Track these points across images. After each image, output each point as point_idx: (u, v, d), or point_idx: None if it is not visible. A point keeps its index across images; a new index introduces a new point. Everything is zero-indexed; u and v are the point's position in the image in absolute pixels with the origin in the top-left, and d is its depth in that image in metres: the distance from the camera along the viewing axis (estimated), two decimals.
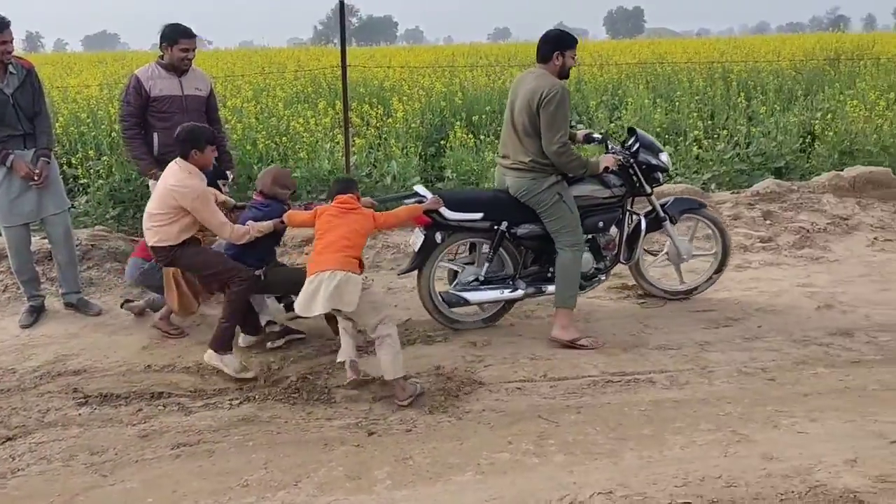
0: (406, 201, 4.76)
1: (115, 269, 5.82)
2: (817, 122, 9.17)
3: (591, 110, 10.19)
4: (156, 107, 5.10)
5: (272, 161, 7.96)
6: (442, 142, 9.31)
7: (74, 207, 7.23)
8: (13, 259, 5.18)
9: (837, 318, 4.93)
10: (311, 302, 3.92)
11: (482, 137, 9.16)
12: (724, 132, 8.80)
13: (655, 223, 5.17)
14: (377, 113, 9.73)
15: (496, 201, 4.77)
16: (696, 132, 8.79)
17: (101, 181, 7.55)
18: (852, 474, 3.17)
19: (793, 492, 3.06)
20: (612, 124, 9.51)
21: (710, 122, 9.95)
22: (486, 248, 4.86)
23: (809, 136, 9.36)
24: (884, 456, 3.31)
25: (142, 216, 4.52)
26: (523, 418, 3.77)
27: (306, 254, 4.22)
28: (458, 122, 9.39)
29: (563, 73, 4.65)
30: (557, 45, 4.59)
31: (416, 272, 4.83)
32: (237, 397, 4.07)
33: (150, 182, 5.24)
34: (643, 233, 5.10)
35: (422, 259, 4.73)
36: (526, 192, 4.65)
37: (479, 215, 4.71)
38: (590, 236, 4.86)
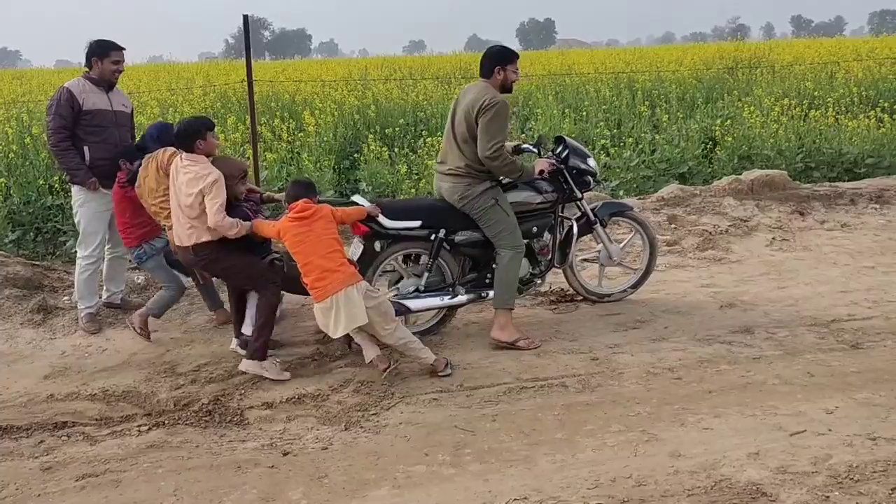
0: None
1: (14, 296, 5.57)
2: (717, 128, 9.56)
3: None
4: (87, 120, 5.14)
5: None
6: (356, 155, 9.30)
7: None
8: None
9: (739, 317, 5.13)
10: (336, 325, 4.13)
11: (396, 150, 9.20)
12: (630, 140, 9.08)
13: (587, 227, 5.32)
14: (289, 127, 9.64)
15: (434, 209, 4.83)
16: (603, 141, 9.05)
17: None
18: (755, 467, 3.30)
19: (699, 487, 3.16)
20: (524, 135, 9.68)
21: (616, 130, 10.26)
22: (424, 258, 4.88)
23: (711, 142, 9.76)
24: (784, 448, 3.45)
25: (42, 239, 4.37)
26: (440, 429, 3.78)
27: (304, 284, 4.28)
28: (372, 135, 9.39)
29: (506, 87, 4.78)
30: (498, 60, 4.71)
31: None
32: (145, 423, 3.94)
33: (76, 196, 5.21)
34: (575, 237, 5.24)
35: (361, 269, 4.59)
36: (461, 198, 4.73)
37: (417, 223, 4.74)
38: (524, 242, 4.91)
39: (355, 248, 4.75)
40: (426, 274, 4.84)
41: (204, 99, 12.49)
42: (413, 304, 4.81)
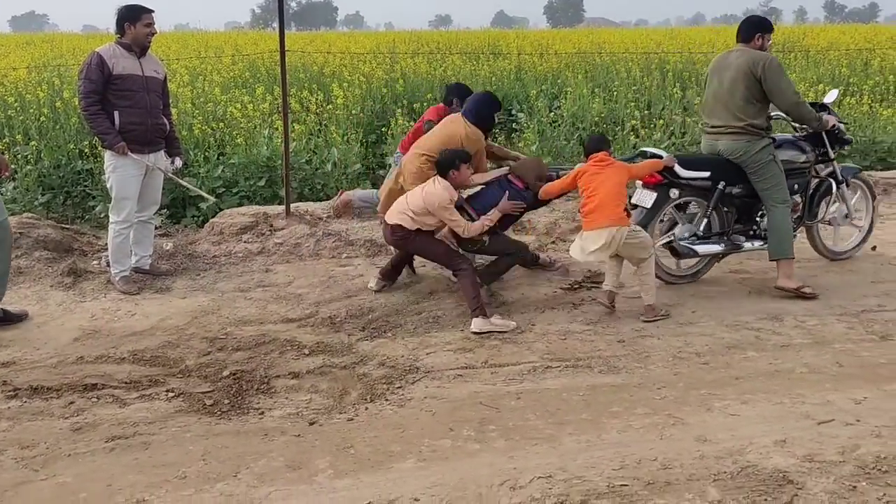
0: (636, 160, 5.24)
1: (44, 258, 5.65)
2: None
3: (532, 99, 10.25)
4: (118, 85, 5.18)
5: (209, 147, 7.81)
6: (383, 129, 9.27)
7: (1, 194, 6.97)
8: None
9: (767, 304, 5.09)
10: (584, 251, 4.75)
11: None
12: (661, 122, 8.98)
13: (829, 188, 5.65)
14: (317, 99, 9.63)
15: (719, 163, 5.22)
16: (633, 122, 8.96)
17: (29, 167, 7.31)
18: (781, 454, 3.28)
19: (725, 472, 3.15)
20: (552, 113, 9.59)
21: (646, 111, 10.14)
22: (693, 207, 5.37)
23: None
24: (811, 436, 3.43)
25: (71, 202, 4.41)
26: (465, 405, 3.79)
27: (579, 211, 5.02)
28: (400, 110, 9.36)
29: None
30: (760, 28, 5.20)
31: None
32: (174, 388, 3.99)
33: (108, 161, 5.25)
34: (834, 194, 5.62)
35: (651, 216, 5.11)
36: (743, 154, 5.14)
37: (706, 174, 5.16)
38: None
39: (644, 197, 5.15)
40: (704, 220, 5.29)
41: (233, 68, 12.48)
42: (700, 248, 5.28)
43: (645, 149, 5.40)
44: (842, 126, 5.61)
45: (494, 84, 11.71)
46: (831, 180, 5.62)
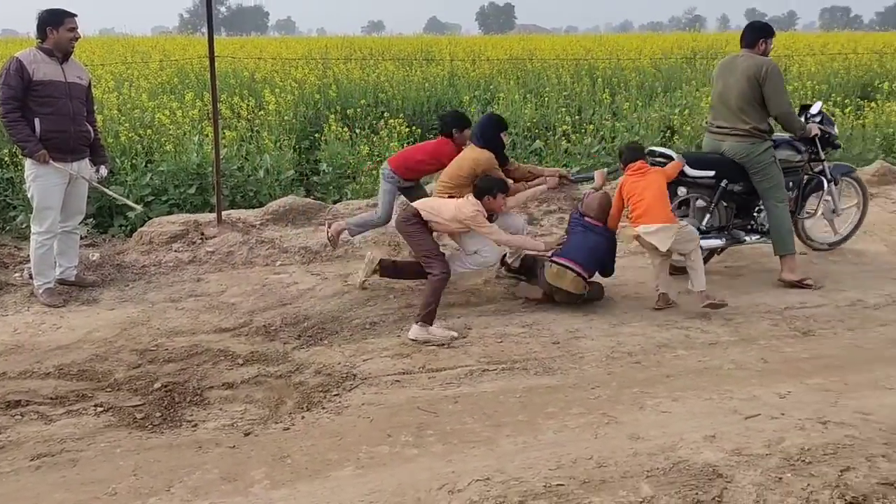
0: (650, 159, 5.54)
1: None
2: (676, 116, 9.69)
3: (465, 105, 10.32)
4: (39, 91, 5.03)
5: (136, 154, 7.62)
6: (316, 135, 9.20)
7: None
8: None
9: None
10: (660, 241, 5.00)
11: (357, 131, 9.11)
12: (591, 127, 9.15)
13: (819, 184, 6.03)
14: (248, 105, 9.50)
15: (722, 162, 5.59)
16: (564, 127, 9.09)
17: None
18: (711, 449, 3.38)
19: (658, 468, 3.22)
20: None
21: (577, 116, 10.31)
22: (701, 203, 5.73)
23: (669, 131, 9.89)
24: (738, 431, 3.54)
25: None
26: (402, 411, 3.79)
27: (627, 217, 5.26)
28: (333, 115, 9.30)
29: (765, 56, 5.51)
30: (763, 33, 5.54)
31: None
32: (102, 403, 3.87)
33: (29, 169, 5.11)
34: (824, 190, 5.99)
35: None
36: (746, 155, 5.52)
37: (711, 173, 5.56)
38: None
39: None
40: (707, 216, 5.69)
41: (161, 74, 12.21)
42: (705, 242, 5.57)
43: (653, 147, 5.78)
44: (834, 132, 6.01)
45: (428, 90, 11.75)
46: (822, 178, 5.99)
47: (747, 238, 5.80)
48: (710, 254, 5.84)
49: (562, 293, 5.07)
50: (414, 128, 9.38)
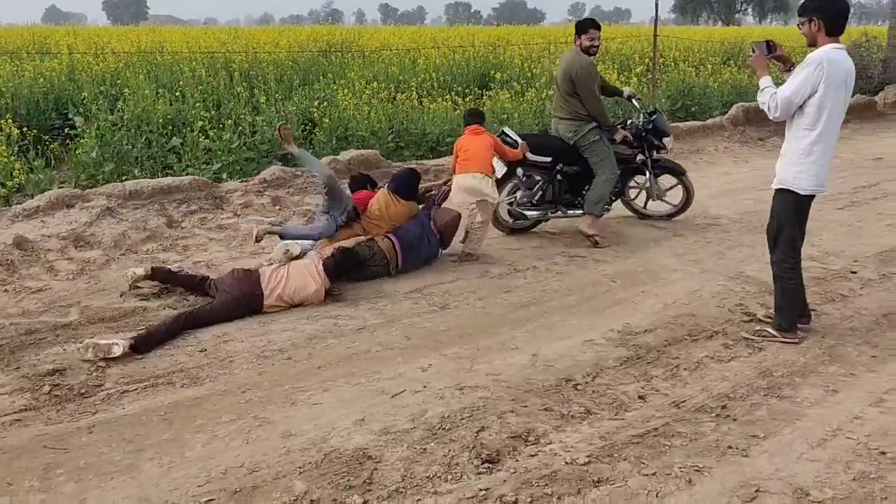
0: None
1: None
2: (315, 110, 9.81)
3: (87, 102, 9.40)
4: None
5: None
6: None
7: None
8: None
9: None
10: (475, 187, 5.87)
11: None
12: (230, 122, 8.89)
13: (642, 173, 7.12)
14: None
15: (559, 148, 6.56)
16: (201, 122, 8.73)
17: None
18: (361, 433, 3.46)
19: (310, 462, 3.22)
20: (113, 116, 8.87)
21: (216, 112, 9.97)
22: (536, 178, 6.62)
23: (310, 124, 9.99)
24: (386, 410, 3.68)
25: None
26: (25, 453, 3.33)
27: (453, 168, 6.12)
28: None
29: (588, 52, 6.43)
30: (576, 31, 6.46)
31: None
32: None
33: None
34: (648, 177, 7.02)
35: (500, 182, 6.32)
36: (573, 134, 6.50)
37: (549, 159, 6.55)
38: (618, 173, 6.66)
39: (498, 165, 6.08)
40: (539, 192, 6.66)
41: None
42: (529, 213, 6.70)
43: (504, 129, 6.62)
44: (665, 139, 6.93)
45: (42, 86, 10.53)
46: (645, 168, 7.00)
47: (570, 212, 6.75)
48: (536, 222, 6.89)
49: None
50: (27, 130, 8.35)
